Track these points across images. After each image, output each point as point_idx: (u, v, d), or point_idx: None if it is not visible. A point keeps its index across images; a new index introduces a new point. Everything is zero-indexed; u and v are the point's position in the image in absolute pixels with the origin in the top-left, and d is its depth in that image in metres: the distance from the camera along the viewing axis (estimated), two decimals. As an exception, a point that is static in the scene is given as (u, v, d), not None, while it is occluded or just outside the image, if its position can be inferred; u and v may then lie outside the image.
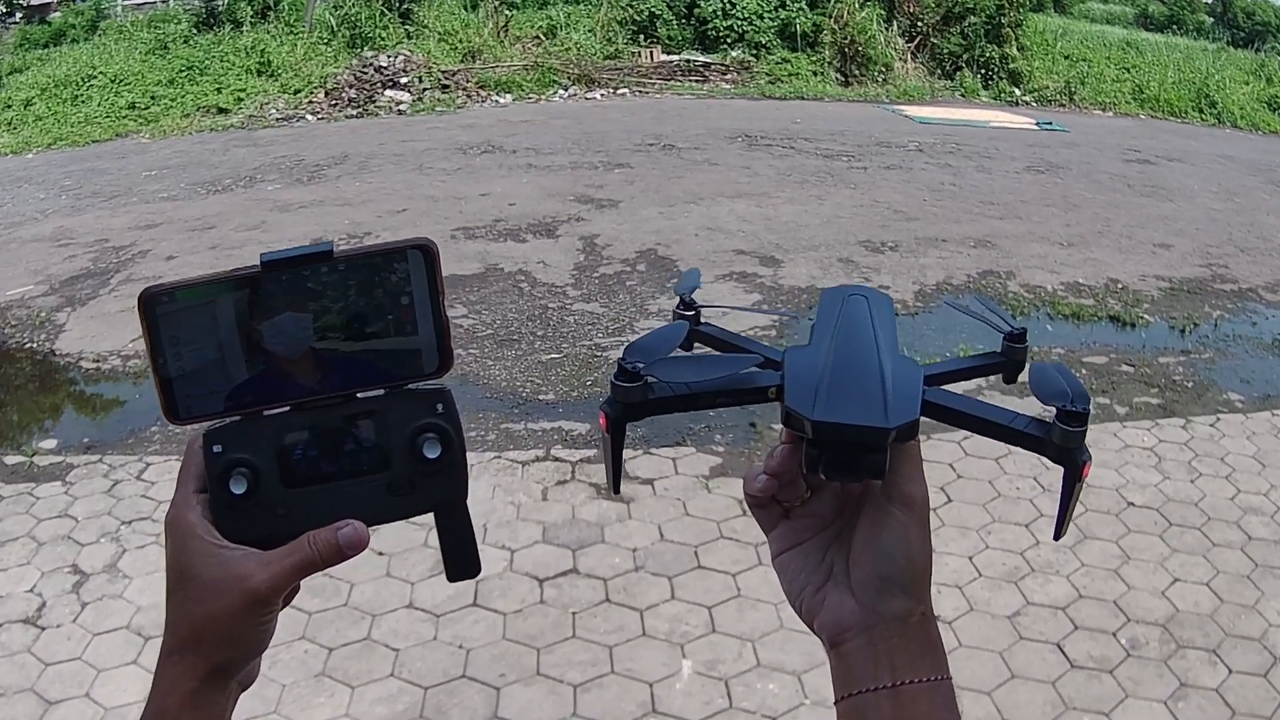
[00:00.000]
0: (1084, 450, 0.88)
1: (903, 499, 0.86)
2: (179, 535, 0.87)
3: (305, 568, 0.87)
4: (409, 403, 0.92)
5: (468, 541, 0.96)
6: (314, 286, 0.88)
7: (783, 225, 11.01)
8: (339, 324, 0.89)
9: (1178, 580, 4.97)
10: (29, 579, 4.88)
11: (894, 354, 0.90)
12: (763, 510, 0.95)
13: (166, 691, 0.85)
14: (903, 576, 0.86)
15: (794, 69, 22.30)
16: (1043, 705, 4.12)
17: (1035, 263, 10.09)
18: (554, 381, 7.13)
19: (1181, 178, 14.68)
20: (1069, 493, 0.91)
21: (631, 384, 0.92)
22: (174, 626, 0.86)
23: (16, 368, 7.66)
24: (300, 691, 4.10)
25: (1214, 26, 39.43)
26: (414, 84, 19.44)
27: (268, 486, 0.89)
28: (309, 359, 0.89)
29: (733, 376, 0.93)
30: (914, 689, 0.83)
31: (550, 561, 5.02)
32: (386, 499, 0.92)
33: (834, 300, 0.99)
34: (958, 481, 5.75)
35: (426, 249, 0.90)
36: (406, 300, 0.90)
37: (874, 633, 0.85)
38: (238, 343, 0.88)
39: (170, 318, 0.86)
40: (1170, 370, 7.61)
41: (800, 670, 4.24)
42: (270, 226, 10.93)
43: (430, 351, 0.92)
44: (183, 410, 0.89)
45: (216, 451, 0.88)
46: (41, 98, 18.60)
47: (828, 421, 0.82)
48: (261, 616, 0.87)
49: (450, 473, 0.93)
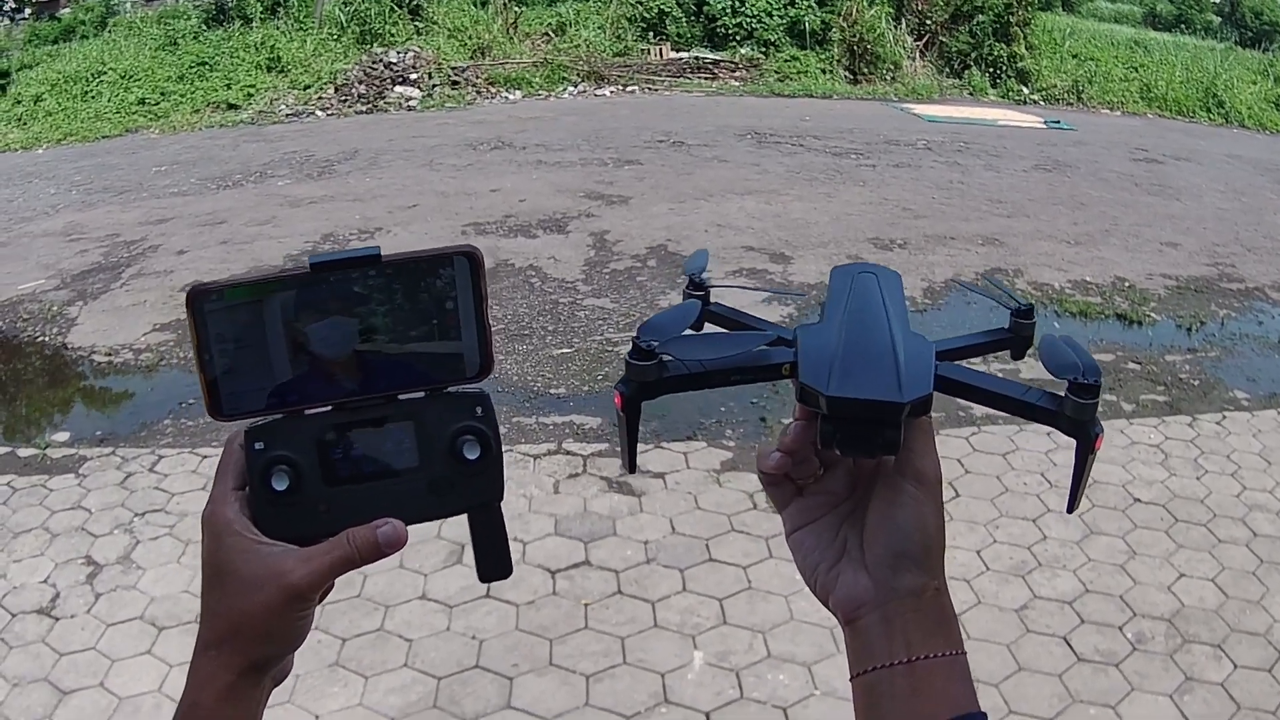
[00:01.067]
0: (1096, 423, 0.89)
1: (916, 474, 0.87)
2: (216, 530, 0.87)
3: (344, 564, 0.87)
4: (449, 405, 0.93)
5: (501, 543, 0.97)
6: (360, 290, 0.89)
7: (792, 222, 11.03)
8: (383, 327, 0.90)
9: (1183, 576, 4.99)
10: (43, 570, 4.92)
11: (905, 330, 0.90)
12: (776, 488, 0.96)
13: (202, 685, 0.85)
14: (916, 551, 0.86)
15: (803, 67, 22.26)
16: (1049, 698, 4.14)
17: (1043, 260, 10.10)
18: (565, 376, 7.16)
19: (1189, 177, 14.66)
20: (1081, 465, 0.92)
21: (646, 362, 0.93)
22: (210, 621, 0.86)
23: (29, 362, 7.71)
24: (314, 681, 4.14)
25: (1222, 26, 39.31)
26: (424, 80, 19.46)
27: (309, 484, 0.90)
28: (352, 360, 0.90)
29: (747, 354, 0.94)
30: (929, 664, 0.83)
31: (562, 554, 5.05)
32: (425, 499, 0.92)
33: (844, 278, 0.99)
34: (966, 476, 5.78)
35: (472, 256, 0.91)
36: (451, 305, 0.91)
37: (888, 608, 0.86)
38: (283, 342, 0.88)
39: (217, 315, 0.87)
40: (1177, 368, 7.62)
41: (811, 661, 4.27)
42: (280, 221, 10.96)
43: (472, 356, 0.93)
44: (227, 408, 0.89)
45: (259, 448, 0.89)
46: (52, 93, 18.63)
47: (843, 396, 0.82)
48: (299, 612, 0.88)
49: (488, 474, 0.94)
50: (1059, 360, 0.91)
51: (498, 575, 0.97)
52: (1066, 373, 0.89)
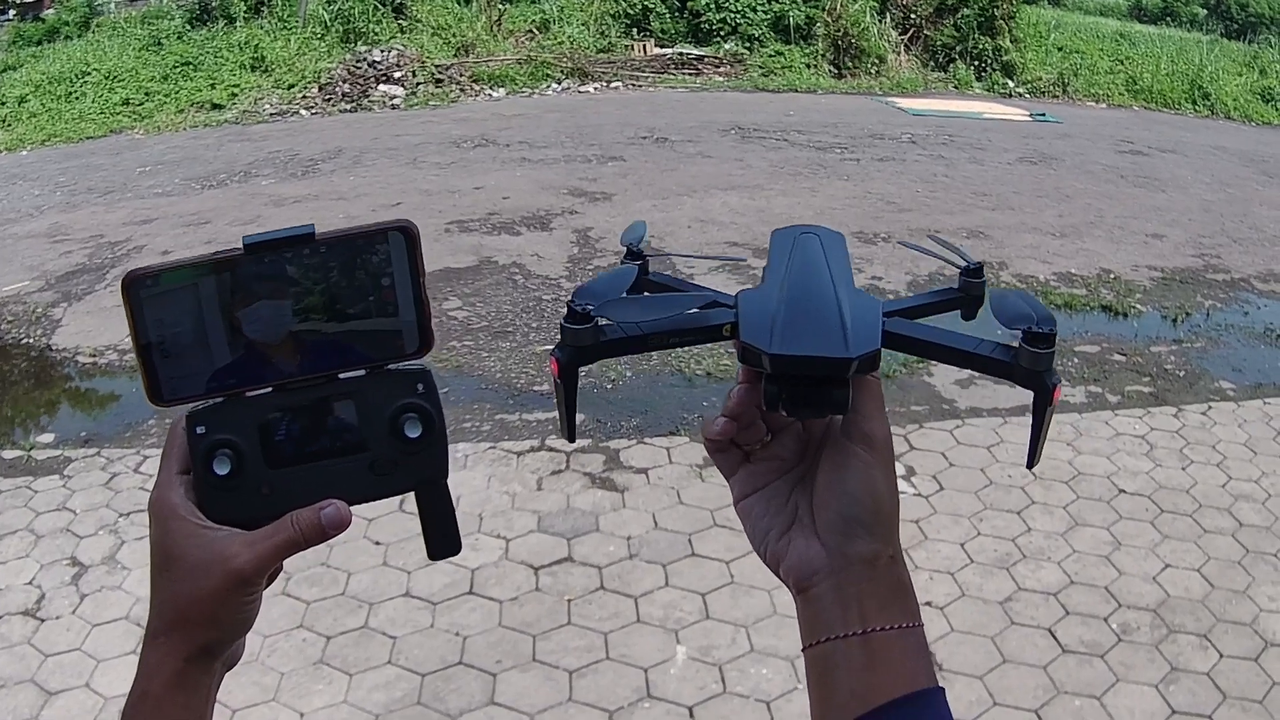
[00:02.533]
0: (1053, 373, 0.87)
1: (864, 438, 0.85)
2: (162, 516, 0.87)
3: (288, 547, 0.87)
4: (390, 383, 0.92)
5: (448, 520, 0.95)
6: (295, 269, 0.89)
7: (776, 217, 10.99)
8: (320, 305, 0.90)
9: (1169, 566, 5.00)
10: (28, 571, 4.90)
11: (850, 288, 0.88)
12: (722, 455, 0.93)
13: (151, 674, 0.85)
14: (867, 517, 0.84)
15: (787, 62, 22.27)
16: (1034, 689, 4.15)
17: (1028, 253, 10.13)
18: (548, 373, 7.03)
19: (1174, 169, 14.70)
20: (1040, 418, 0.89)
21: (582, 326, 0.91)
22: (159, 608, 0.86)
23: (13, 363, 7.67)
24: (299, 679, 4.12)
25: (1208, 18, 39.33)
26: (407, 78, 19.42)
27: (251, 467, 0.89)
28: (290, 341, 0.90)
29: (685, 315, 0.92)
30: (884, 635, 0.81)
31: (545, 550, 5.04)
32: (369, 478, 0.92)
33: (785, 240, 0.97)
34: (950, 469, 5.78)
35: (407, 230, 0.91)
36: (387, 281, 0.91)
37: (841, 576, 0.83)
38: (220, 325, 0.88)
39: (154, 300, 0.87)
40: (1162, 359, 7.64)
41: (793, 655, 4.25)
42: (265, 221, 10.91)
43: (411, 332, 0.92)
44: (166, 392, 0.89)
45: (200, 432, 0.88)
46: (35, 94, 18.53)
47: (786, 354, 0.80)
48: (245, 596, 0.86)
49: (431, 452, 0.93)
50: (1011, 312, 0.89)
51: (447, 552, 0.96)
52: (1019, 323, 0.87)
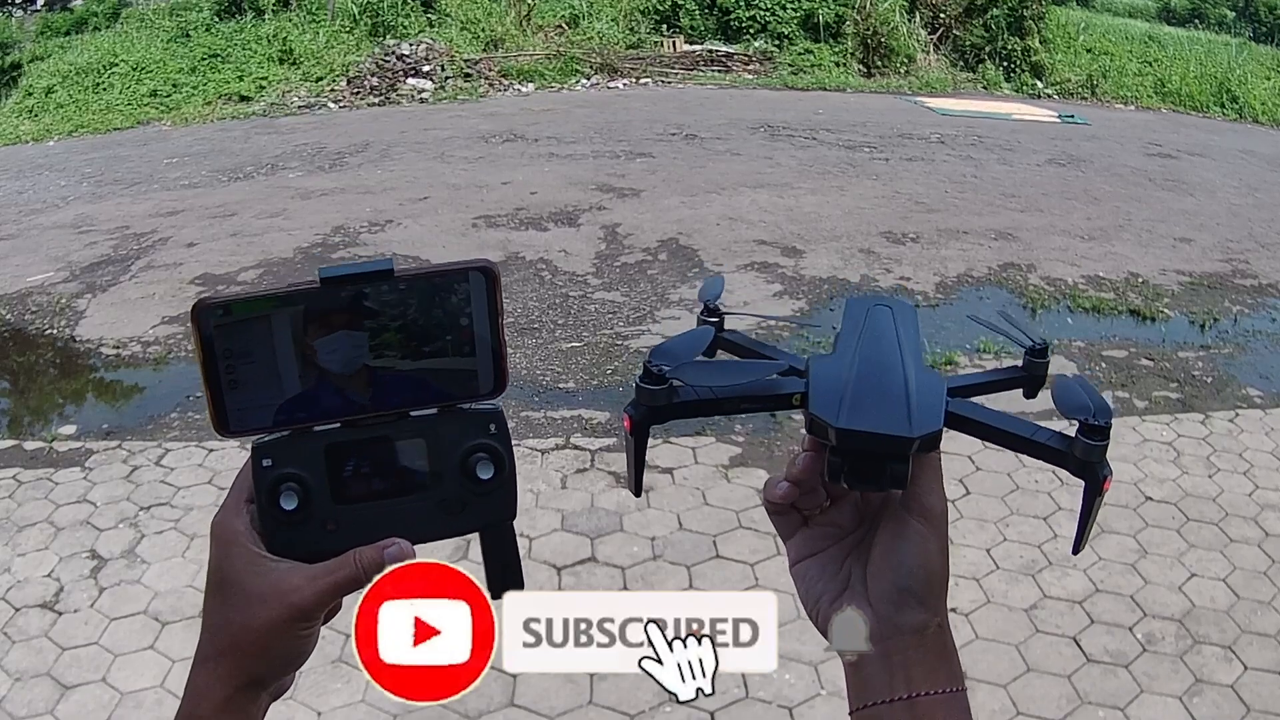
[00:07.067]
0: (1105, 464, 0.89)
1: (922, 511, 0.86)
2: (224, 540, 0.86)
3: (349, 584, 0.87)
4: (462, 423, 0.92)
5: (512, 558, 0.96)
6: (372, 304, 0.88)
7: (804, 216, 10.99)
8: (396, 342, 0.89)
9: (1194, 576, 4.95)
10: (47, 564, 4.92)
11: (918, 364, 0.90)
12: (782, 517, 0.97)
13: (199, 698, 0.85)
14: (920, 589, 0.86)
15: (816, 60, 22.20)
16: (1058, 699, 4.11)
17: (1056, 255, 10.05)
18: (574, 370, 7.13)
19: (1203, 172, 14.58)
20: (1089, 506, 0.93)
21: (657, 387, 0.92)
22: (211, 632, 0.86)
23: (37, 354, 7.71)
24: (317, 677, 4.12)
25: (1236, 21, 39.04)
26: (436, 72, 19.45)
27: (317, 502, 0.88)
28: (363, 376, 0.89)
29: (757, 382, 0.94)
30: (930, 700, 0.84)
31: (569, 549, 5.03)
32: (436, 518, 0.91)
33: (858, 310, 0.99)
34: (976, 474, 5.73)
35: (487, 270, 0.90)
36: (465, 321, 0.90)
37: (890, 644, 0.86)
38: (292, 356, 0.87)
39: (224, 330, 0.86)
40: (1190, 365, 7.57)
41: (817, 661, 4.22)
42: (291, 214, 10.95)
43: (486, 372, 0.92)
44: (234, 423, 0.88)
45: (266, 465, 0.88)
46: (63, 85, 18.65)
47: (852, 429, 0.82)
48: (301, 631, 0.86)
49: (501, 494, 0.93)
50: (1071, 401, 0.91)
51: (509, 586, 0.97)
52: (1077, 414, 0.89)
